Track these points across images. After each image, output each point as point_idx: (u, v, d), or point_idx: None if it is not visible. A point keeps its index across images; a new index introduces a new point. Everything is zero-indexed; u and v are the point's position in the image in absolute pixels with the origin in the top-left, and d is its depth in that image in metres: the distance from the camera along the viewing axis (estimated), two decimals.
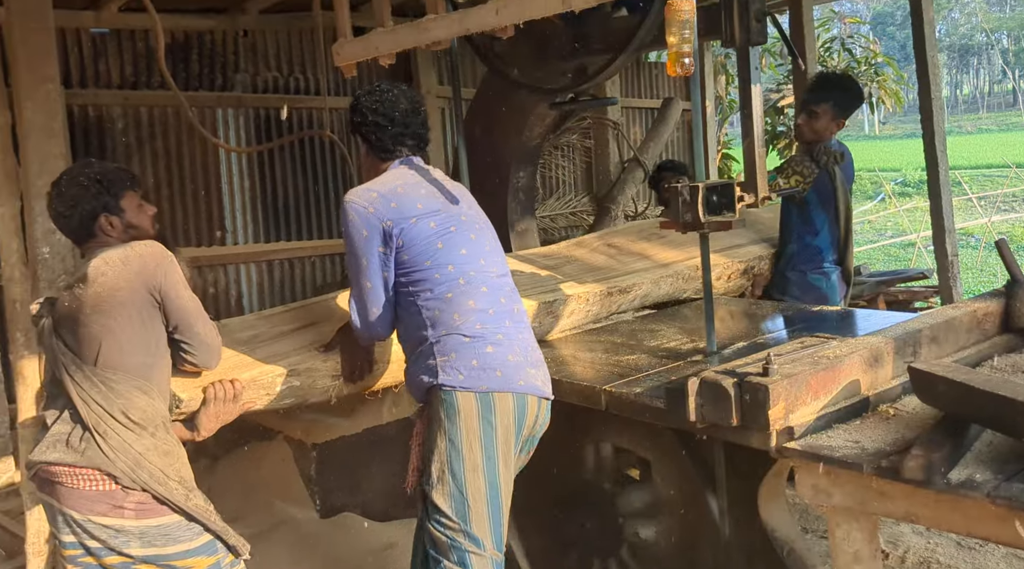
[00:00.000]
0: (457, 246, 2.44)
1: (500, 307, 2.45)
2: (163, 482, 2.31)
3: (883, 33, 46.03)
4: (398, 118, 2.52)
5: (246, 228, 5.63)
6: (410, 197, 2.45)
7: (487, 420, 2.36)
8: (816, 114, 3.71)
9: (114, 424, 2.28)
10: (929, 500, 1.82)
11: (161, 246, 2.40)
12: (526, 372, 2.42)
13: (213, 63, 5.45)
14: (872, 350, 2.27)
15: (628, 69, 7.30)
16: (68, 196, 2.40)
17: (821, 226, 3.82)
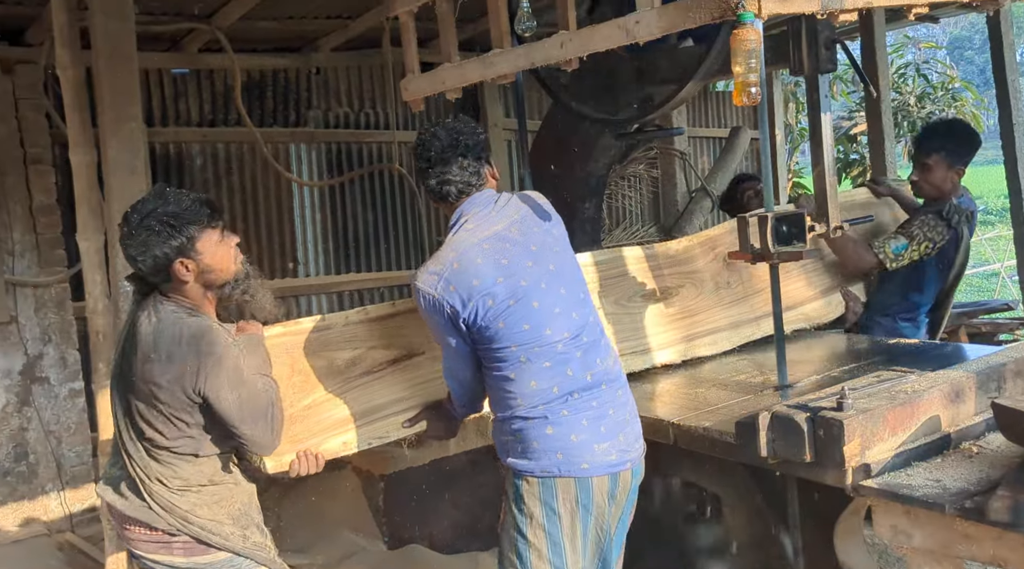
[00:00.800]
0: (519, 320, 2.23)
1: (566, 380, 2.25)
2: (216, 530, 2.25)
3: (960, 58, 44.85)
4: (435, 157, 2.33)
5: (317, 260, 5.74)
6: (467, 272, 2.23)
7: (549, 506, 2.25)
8: (929, 167, 3.53)
9: (157, 487, 2.23)
10: (1017, 544, 1.74)
11: (213, 334, 2.20)
12: (592, 450, 2.24)
13: (287, 100, 5.61)
14: (953, 385, 2.19)
15: (695, 98, 7.26)
16: (139, 240, 2.19)
17: (928, 286, 3.61)
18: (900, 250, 3.47)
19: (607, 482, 2.26)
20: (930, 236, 3.49)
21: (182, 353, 2.15)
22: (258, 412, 2.22)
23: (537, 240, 2.34)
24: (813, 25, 2.63)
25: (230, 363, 2.18)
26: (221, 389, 2.16)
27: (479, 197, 2.35)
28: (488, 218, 2.33)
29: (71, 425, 4.66)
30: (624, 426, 2.32)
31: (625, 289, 3.16)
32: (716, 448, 2.44)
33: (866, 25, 5.16)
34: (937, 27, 8.60)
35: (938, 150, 3.53)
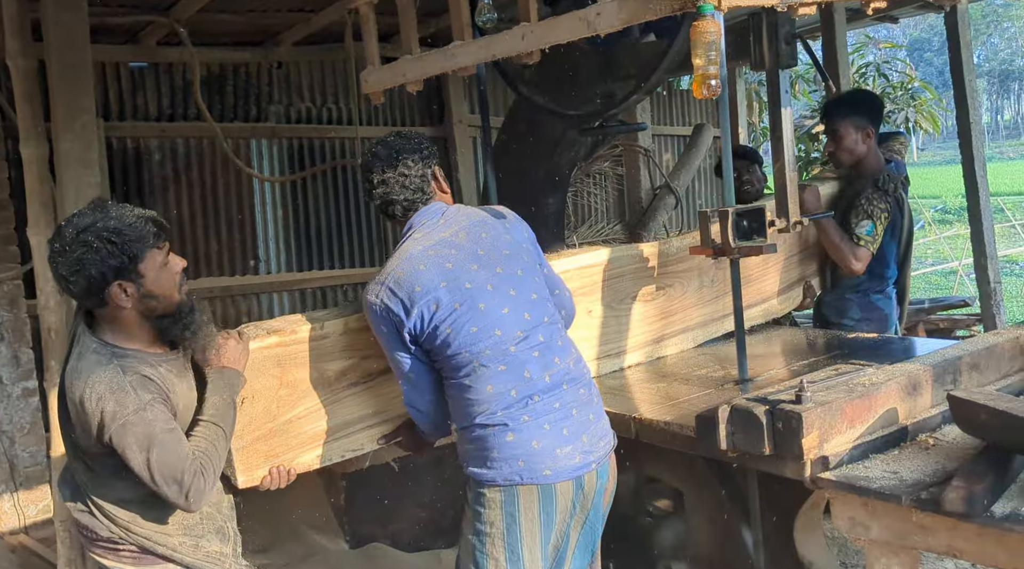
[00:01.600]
0: (467, 324, 2.18)
1: (524, 383, 2.20)
2: (162, 541, 2.10)
3: (920, 59, 45.63)
4: (376, 179, 2.31)
5: (279, 257, 5.68)
6: (410, 278, 2.20)
7: (511, 515, 2.19)
8: (839, 135, 3.67)
9: (97, 498, 2.09)
10: (972, 534, 1.75)
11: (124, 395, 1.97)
12: (555, 455, 2.18)
13: (248, 95, 5.54)
14: (910, 378, 2.20)
15: (659, 96, 7.29)
16: (72, 257, 1.94)
17: (888, 256, 3.72)
18: (871, 232, 3.57)
19: (571, 487, 2.21)
20: (881, 208, 3.59)
21: (92, 407, 1.96)
22: (169, 475, 1.97)
23: (485, 244, 2.29)
24: (773, 20, 2.64)
25: (139, 429, 1.96)
26: (127, 449, 1.96)
27: (427, 210, 2.33)
28: (436, 227, 2.31)
29: (24, 425, 4.55)
30: (588, 426, 2.27)
31: (618, 291, 3.10)
32: (677, 442, 2.44)
33: (827, 24, 5.21)
34: (897, 28, 8.75)
35: (842, 117, 3.67)
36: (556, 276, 2.49)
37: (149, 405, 1.99)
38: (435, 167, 2.37)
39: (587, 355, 2.80)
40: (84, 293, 1.99)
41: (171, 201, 5.26)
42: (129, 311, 2.02)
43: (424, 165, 2.32)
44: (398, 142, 2.33)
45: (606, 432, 2.34)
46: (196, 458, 2.03)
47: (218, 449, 2.08)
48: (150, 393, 2.01)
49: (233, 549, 2.22)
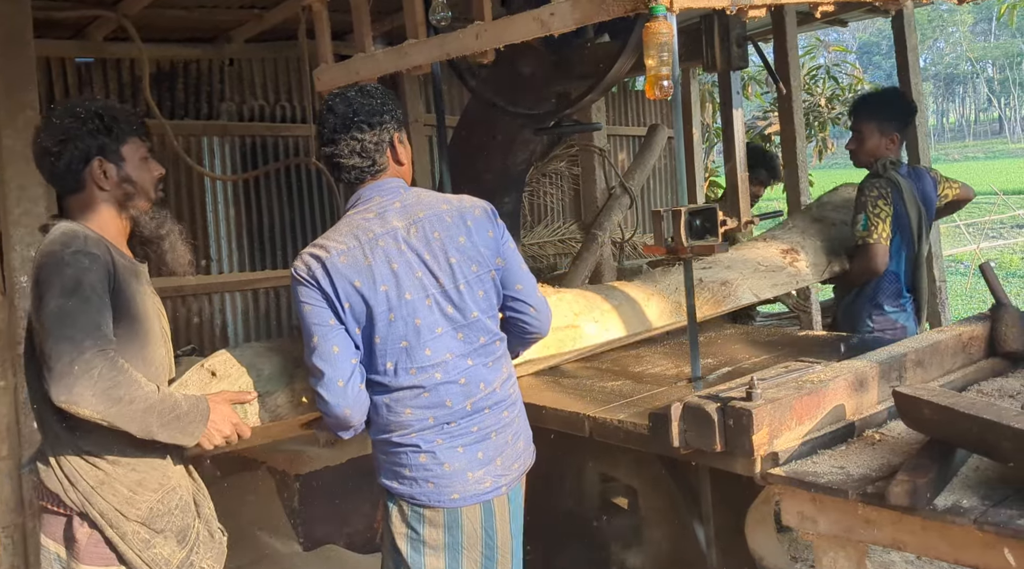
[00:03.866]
0: (398, 337, 2.07)
1: (443, 411, 2.11)
2: (118, 524, 1.95)
3: (869, 62, 46.58)
4: (326, 134, 2.13)
5: (231, 257, 5.60)
6: (352, 269, 2.06)
7: (415, 531, 2.14)
8: (862, 135, 3.56)
9: (63, 449, 1.95)
10: (916, 526, 1.79)
11: (77, 238, 1.89)
12: (465, 479, 2.12)
13: (199, 92, 5.45)
14: (857, 374, 2.24)
15: (614, 97, 7.34)
16: (59, 128, 1.94)
17: (896, 250, 3.50)
18: (865, 225, 3.40)
19: (479, 512, 2.15)
20: (873, 195, 3.43)
21: (41, 254, 1.88)
22: (65, 332, 1.80)
23: (435, 248, 2.13)
24: (725, 22, 2.67)
25: (73, 269, 1.84)
26: (47, 288, 1.83)
27: (385, 185, 2.18)
28: (390, 209, 2.15)
29: None
30: (504, 448, 2.20)
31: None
32: (631, 440, 2.45)
33: (778, 27, 5.28)
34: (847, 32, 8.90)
35: (868, 119, 3.57)
36: (521, 272, 2.27)
37: (93, 260, 1.89)
38: (395, 133, 2.18)
39: None
40: (64, 170, 1.96)
41: None
42: (105, 197, 1.99)
43: (381, 130, 2.14)
44: (358, 100, 2.14)
45: (522, 453, 2.27)
46: (113, 361, 1.83)
47: (141, 396, 1.87)
48: (104, 257, 1.92)
49: (188, 555, 2.06)
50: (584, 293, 2.99)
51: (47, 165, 1.98)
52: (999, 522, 1.64)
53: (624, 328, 2.95)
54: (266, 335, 5.70)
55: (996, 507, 1.70)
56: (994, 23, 52.11)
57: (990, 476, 1.84)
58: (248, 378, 2.22)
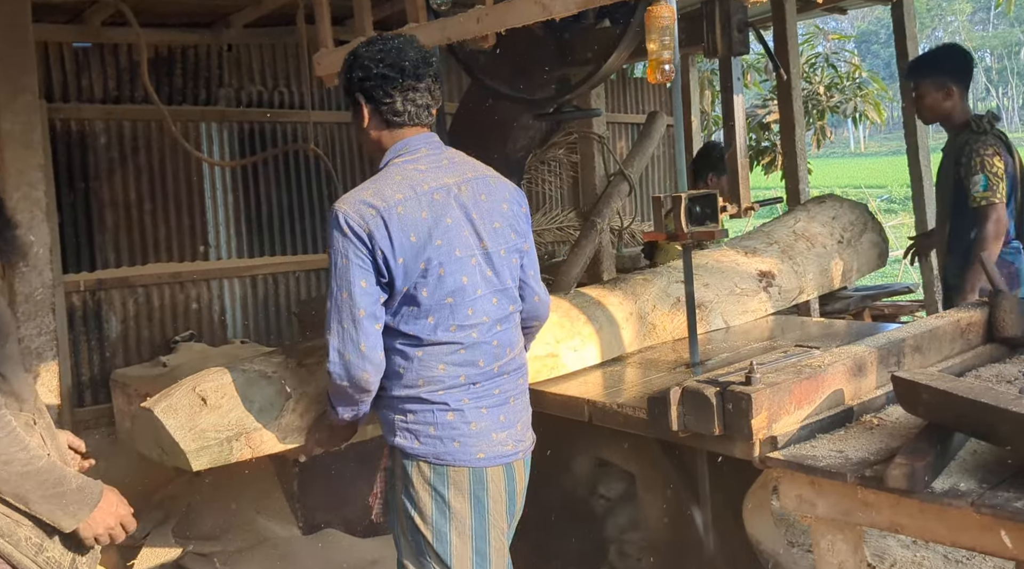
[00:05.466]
0: (444, 293, 2.04)
1: (474, 370, 2.10)
2: (10, 532, 1.79)
3: (868, 51, 46.48)
4: (408, 68, 2.04)
5: (229, 243, 5.60)
6: (408, 222, 2.00)
7: (439, 494, 2.09)
8: (920, 94, 3.73)
9: None
10: (913, 510, 1.80)
11: None
12: (490, 439, 2.11)
13: (197, 77, 5.45)
14: (855, 359, 2.25)
15: (613, 84, 7.33)
16: None
17: (1008, 198, 3.55)
18: (985, 185, 3.44)
19: (502, 473, 2.15)
20: (988, 152, 3.48)
21: None
22: None
23: (482, 209, 2.12)
24: (726, 7, 2.66)
25: None
26: None
27: (430, 138, 2.14)
28: (439, 165, 2.11)
29: None
30: (521, 414, 2.23)
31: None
32: (630, 424, 2.46)
33: (778, 14, 5.27)
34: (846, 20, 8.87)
35: (922, 77, 3.74)
36: (536, 260, 2.32)
37: None
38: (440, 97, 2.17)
39: None
40: None
41: (118, 185, 5.16)
42: None
43: (437, 87, 2.12)
44: (411, 51, 2.07)
45: (529, 424, 2.29)
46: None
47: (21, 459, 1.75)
48: None
49: (72, 561, 1.91)
50: (569, 312, 2.95)
51: None
52: (996, 505, 1.65)
53: (600, 356, 2.96)
54: (264, 323, 5.71)
55: (993, 490, 1.70)
56: (992, 12, 52.03)
57: (987, 459, 1.85)
58: (238, 412, 2.21)
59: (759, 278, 3.47)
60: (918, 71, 3.84)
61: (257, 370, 2.32)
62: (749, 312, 3.42)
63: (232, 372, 2.29)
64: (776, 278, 3.50)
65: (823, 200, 4.03)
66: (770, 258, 3.55)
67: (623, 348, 3.05)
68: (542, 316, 2.36)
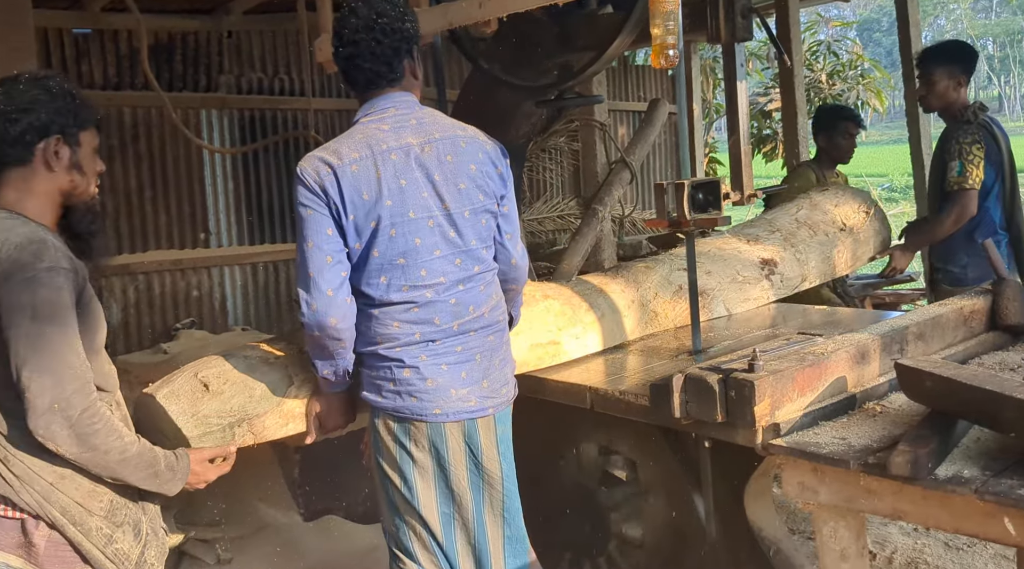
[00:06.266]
0: (396, 253, 2.09)
1: (430, 328, 2.14)
2: (82, 521, 1.83)
3: (869, 39, 46.34)
4: (347, 36, 2.12)
5: (230, 230, 5.59)
6: (361, 179, 2.05)
7: (402, 446, 2.18)
8: (933, 81, 3.81)
9: (12, 449, 1.79)
10: (916, 496, 1.80)
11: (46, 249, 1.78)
12: (448, 396, 2.15)
13: (197, 64, 5.42)
14: (859, 347, 2.25)
15: (615, 72, 7.30)
16: (25, 96, 1.83)
17: (991, 185, 3.74)
18: (960, 171, 3.63)
19: (461, 429, 2.18)
20: (967, 141, 3.64)
21: (9, 262, 1.74)
22: (45, 363, 1.73)
23: (446, 170, 2.14)
24: None
25: (46, 291, 1.74)
26: (15, 312, 1.72)
27: (400, 97, 2.18)
28: (406, 124, 2.15)
29: None
30: (490, 372, 2.24)
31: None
32: (632, 411, 2.46)
33: (781, 1, 5.25)
34: (847, 8, 8.83)
35: (938, 64, 3.81)
36: (516, 223, 2.34)
37: (66, 277, 1.79)
38: (413, 48, 2.19)
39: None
40: (17, 137, 1.83)
41: (118, 172, 5.14)
42: (49, 179, 1.88)
43: (402, 38, 2.14)
44: (381, 4, 2.13)
45: (509, 379, 2.32)
46: (94, 404, 1.78)
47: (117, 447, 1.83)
48: (72, 268, 1.81)
49: (142, 551, 1.96)
50: (571, 299, 2.95)
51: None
52: (1000, 492, 1.65)
53: (602, 343, 2.96)
54: (265, 311, 5.71)
55: (997, 477, 1.70)
56: (995, 0, 51.80)
57: (991, 447, 1.85)
58: (240, 398, 2.21)
59: (761, 266, 3.46)
60: (934, 59, 3.88)
61: (259, 356, 2.32)
62: (751, 300, 3.41)
63: (234, 358, 2.29)
64: (778, 266, 3.49)
65: (825, 187, 4.02)
66: (772, 246, 3.55)
67: (625, 336, 3.04)
68: (519, 279, 2.40)
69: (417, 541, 2.24)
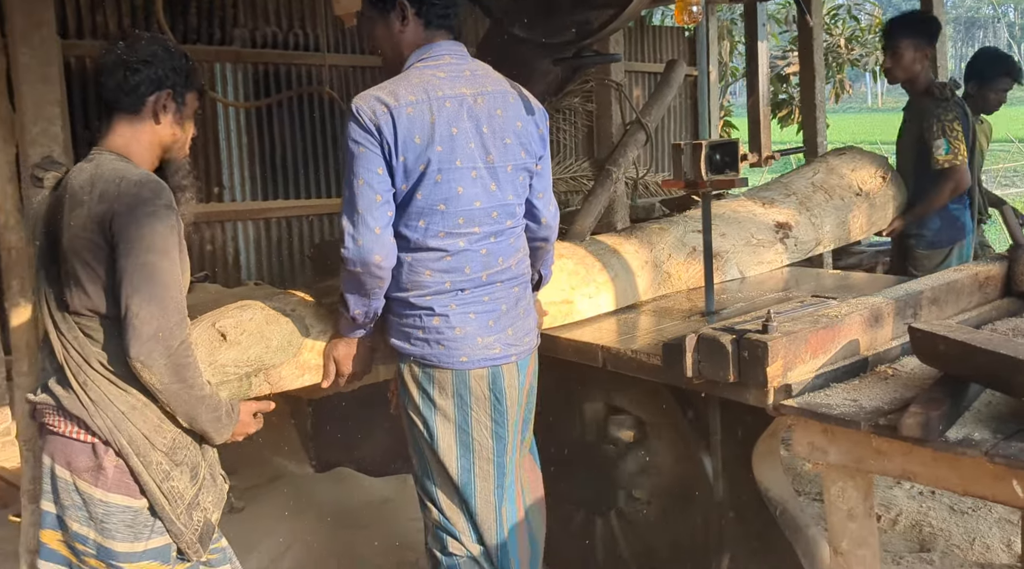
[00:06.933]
0: (438, 199, 2.12)
1: (461, 278, 2.19)
2: (145, 453, 1.95)
3: (889, 4, 45.59)
4: None
5: (244, 185, 5.60)
6: (415, 123, 2.07)
7: (426, 392, 2.23)
8: (899, 52, 3.88)
9: (93, 374, 1.93)
10: (926, 458, 1.82)
11: (161, 188, 1.95)
12: (474, 343, 2.20)
13: (212, 17, 5.39)
14: (872, 310, 2.25)
15: (631, 32, 7.22)
16: (146, 50, 2.02)
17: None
18: (948, 150, 3.76)
19: (486, 375, 2.23)
20: (949, 118, 3.76)
21: (117, 192, 1.91)
22: (156, 293, 1.88)
23: (494, 124, 2.19)
24: None
25: (163, 226, 1.91)
26: (134, 242, 1.87)
27: (456, 46, 2.23)
28: (460, 74, 2.19)
29: None
30: (515, 320, 2.29)
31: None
32: (644, 370, 2.48)
33: None
34: None
35: (905, 36, 3.89)
36: (549, 182, 2.40)
37: (178, 215, 1.98)
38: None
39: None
40: (132, 87, 2.01)
41: None
42: (154, 131, 2.05)
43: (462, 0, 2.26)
44: None
45: (532, 329, 2.37)
46: (189, 339, 1.95)
47: (200, 384, 1.99)
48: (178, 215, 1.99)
49: (195, 496, 2.07)
50: (584, 259, 2.96)
51: (117, 77, 2.01)
52: (1010, 454, 1.67)
53: (614, 303, 2.97)
54: (278, 266, 5.73)
55: (1008, 440, 1.72)
56: None
57: (1002, 411, 1.86)
58: (257, 348, 2.24)
59: (776, 229, 3.46)
60: (902, 30, 3.95)
61: (277, 307, 2.34)
62: (765, 263, 3.41)
63: (252, 309, 2.31)
64: (793, 229, 3.49)
65: (843, 152, 4.00)
66: (787, 209, 3.53)
67: (637, 296, 3.05)
68: (550, 238, 2.45)
69: (440, 486, 2.30)
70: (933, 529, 3.40)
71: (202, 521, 2.07)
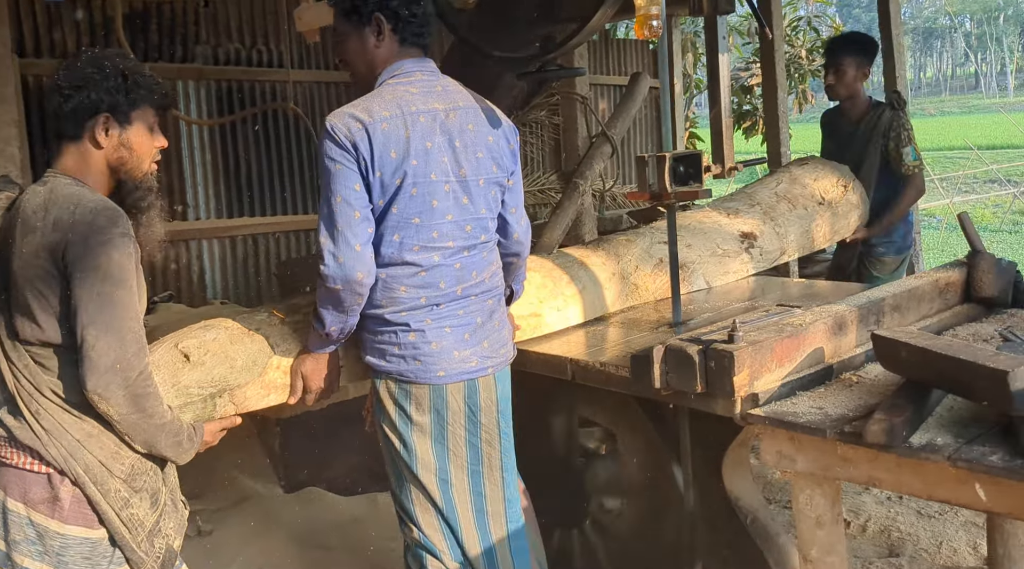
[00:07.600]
0: (413, 212, 2.13)
1: (435, 293, 2.19)
2: (102, 481, 1.90)
3: (849, 16, 46.42)
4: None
5: (208, 203, 5.54)
6: (391, 138, 2.09)
7: (403, 409, 2.23)
8: (843, 70, 4.05)
9: (46, 403, 1.88)
10: (891, 464, 1.83)
11: (117, 215, 1.91)
12: (451, 357, 2.21)
13: (173, 34, 5.35)
14: (836, 318, 2.27)
15: (596, 45, 7.28)
16: (79, 74, 1.95)
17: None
18: (915, 156, 4.00)
19: (462, 389, 2.24)
20: (908, 126, 4.02)
21: (72, 220, 1.86)
22: (113, 324, 1.84)
23: (467, 138, 2.21)
24: None
25: (119, 254, 1.87)
26: (88, 272, 1.83)
27: (427, 63, 2.26)
28: (432, 90, 2.21)
29: None
30: (490, 333, 2.31)
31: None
32: (612, 382, 2.48)
33: None
34: None
35: (848, 54, 4.07)
36: (521, 197, 2.42)
37: (134, 244, 1.94)
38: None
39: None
40: (70, 113, 1.96)
41: None
42: (100, 155, 1.99)
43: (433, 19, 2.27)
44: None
45: (507, 341, 2.38)
46: (147, 369, 1.91)
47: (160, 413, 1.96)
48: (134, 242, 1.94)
49: (156, 523, 2.02)
50: (552, 272, 2.96)
51: (54, 103, 1.98)
52: (972, 459, 1.69)
53: (583, 316, 2.98)
54: (244, 284, 5.68)
55: (969, 444, 1.74)
56: None
57: (964, 415, 1.88)
58: (221, 368, 2.21)
59: (741, 239, 3.49)
60: (845, 48, 4.13)
61: (241, 326, 2.31)
62: (731, 273, 3.44)
63: (215, 329, 2.28)
64: (758, 239, 3.52)
65: (805, 162, 4.05)
66: (752, 219, 3.57)
67: (606, 308, 3.06)
68: (521, 253, 2.47)
69: (417, 504, 2.29)
70: (901, 534, 3.43)
71: (164, 548, 2.02)
